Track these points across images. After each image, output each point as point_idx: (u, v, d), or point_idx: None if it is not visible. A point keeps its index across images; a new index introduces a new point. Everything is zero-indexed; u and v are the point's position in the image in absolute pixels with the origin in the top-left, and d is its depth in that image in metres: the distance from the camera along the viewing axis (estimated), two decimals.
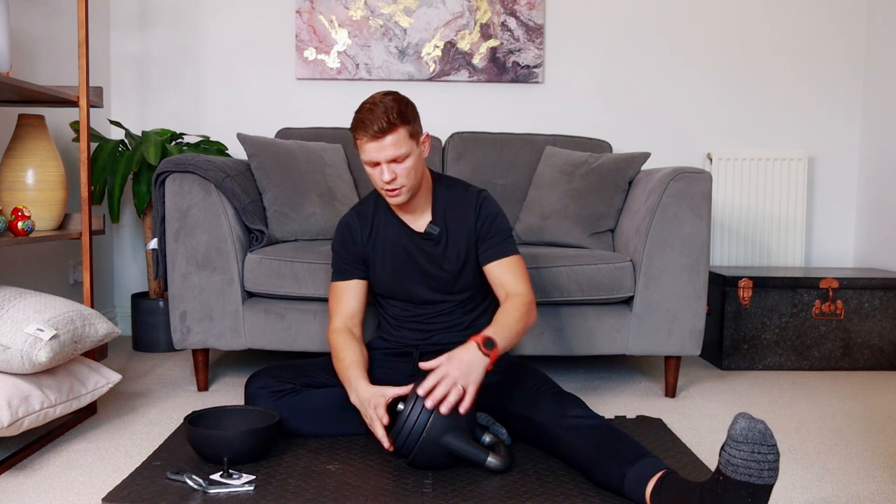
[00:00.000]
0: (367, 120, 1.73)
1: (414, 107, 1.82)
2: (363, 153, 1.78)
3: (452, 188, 1.95)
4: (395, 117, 1.73)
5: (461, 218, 1.91)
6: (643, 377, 2.65)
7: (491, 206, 1.94)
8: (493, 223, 1.91)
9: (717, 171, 3.22)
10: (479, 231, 1.91)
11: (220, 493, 1.54)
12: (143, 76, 3.23)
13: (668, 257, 2.30)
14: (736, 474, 1.27)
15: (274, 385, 1.88)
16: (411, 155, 1.78)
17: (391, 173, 1.76)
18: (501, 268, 1.89)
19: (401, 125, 1.75)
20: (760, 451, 1.26)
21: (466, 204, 1.92)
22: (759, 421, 1.27)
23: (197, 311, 2.28)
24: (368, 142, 1.75)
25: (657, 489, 1.42)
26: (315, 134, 2.92)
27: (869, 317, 2.80)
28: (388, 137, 1.73)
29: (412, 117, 1.79)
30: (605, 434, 1.58)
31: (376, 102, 1.75)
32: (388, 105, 1.74)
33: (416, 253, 1.92)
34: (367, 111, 1.75)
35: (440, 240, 1.91)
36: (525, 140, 2.97)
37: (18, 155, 2.09)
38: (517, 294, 1.85)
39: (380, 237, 1.94)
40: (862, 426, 2.11)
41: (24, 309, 1.74)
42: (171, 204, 2.27)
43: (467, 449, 1.63)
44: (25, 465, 1.72)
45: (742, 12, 3.28)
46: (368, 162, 1.79)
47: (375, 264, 1.95)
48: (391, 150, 1.74)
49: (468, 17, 3.20)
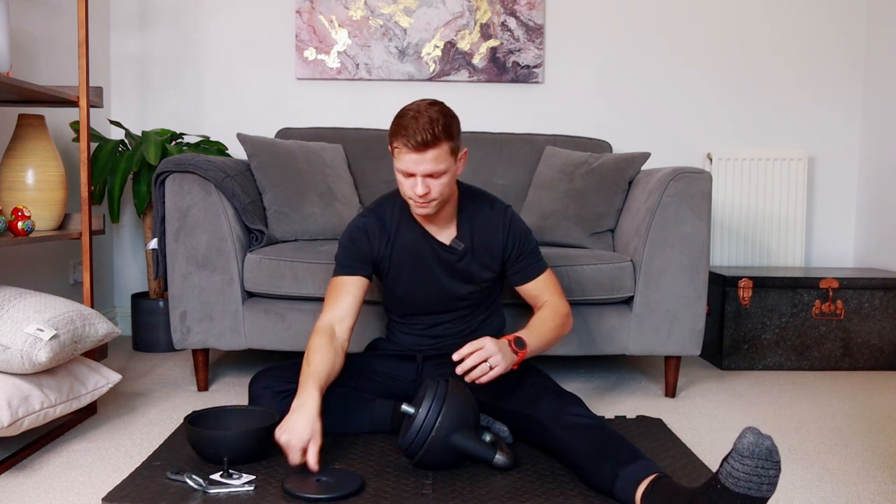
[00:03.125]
0: (412, 129, 1.65)
1: (458, 121, 1.75)
2: (400, 162, 1.70)
3: (478, 202, 1.91)
4: (441, 131, 1.66)
5: (488, 235, 1.88)
6: (643, 377, 2.65)
7: (519, 224, 1.92)
8: (524, 244, 1.91)
9: (717, 171, 3.22)
10: (509, 252, 1.90)
11: (220, 493, 1.54)
12: (143, 76, 3.23)
13: (668, 257, 2.30)
14: (736, 487, 1.26)
15: (277, 385, 1.87)
16: (448, 172, 1.72)
17: (425, 187, 1.70)
18: (537, 287, 1.92)
19: (445, 141, 1.67)
20: (764, 466, 1.25)
21: (494, 221, 1.89)
22: (767, 437, 1.26)
23: (197, 311, 2.28)
24: (409, 153, 1.67)
25: (648, 492, 1.42)
26: (315, 134, 2.92)
27: (869, 317, 2.80)
28: (430, 152, 1.66)
29: (457, 133, 1.72)
30: (601, 434, 1.58)
31: (421, 111, 1.67)
32: (433, 117, 1.66)
33: (435, 265, 1.89)
34: (411, 118, 1.66)
35: (464, 255, 1.88)
36: (525, 140, 2.97)
37: (18, 155, 2.09)
38: (554, 305, 1.89)
39: (399, 245, 1.88)
40: (862, 426, 2.11)
41: (24, 309, 1.74)
42: (171, 204, 2.27)
43: (475, 447, 1.63)
44: (25, 465, 1.72)
45: (742, 12, 3.28)
46: (404, 171, 1.71)
47: (391, 271, 1.91)
48: (430, 165, 1.67)
49: (468, 17, 3.20)
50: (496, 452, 1.65)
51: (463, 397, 1.66)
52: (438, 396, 1.63)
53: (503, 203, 1.94)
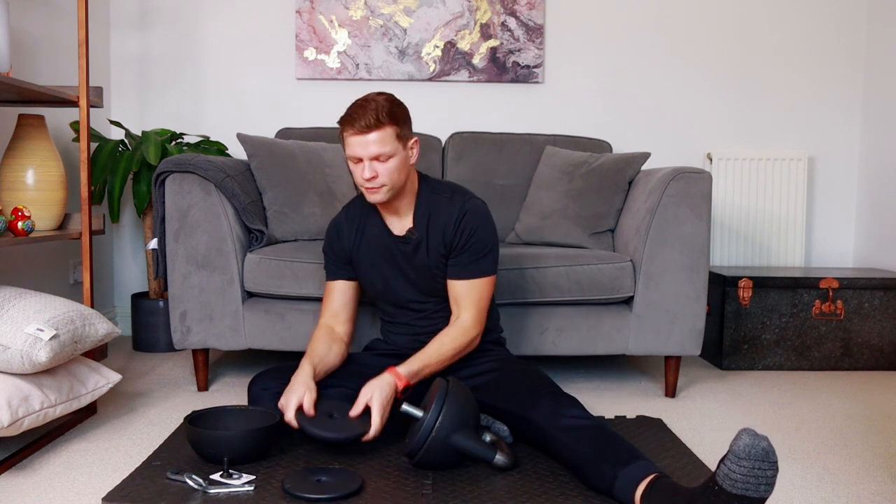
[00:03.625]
0: (356, 115, 1.74)
1: (406, 110, 1.82)
2: (347, 147, 1.78)
3: (439, 193, 1.90)
4: (385, 116, 1.74)
5: (440, 225, 1.87)
6: (643, 377, 2.65)
7: (473, 220, 1.84)
8: (468, 239, 1.84)
9: (717, 171, 3.22)
10: (455, 242, 1.85)
11: (220, 493, 1.54)
12: (143, 76, 3.23)
13: (668, 257, 2.30)
14: (733, 488, 1.26)
15: (277, 387, 1.86)
16: (395, 156, 1.77)
17: (372, 171, 1.76)
18: (460, 290, 1.86)
19: (388, 124, 1.74)
20: (761, 467, 1.25)
21: (448, 212, 1.86)
22: (763, 437, 1.26)
23: (197, 311, 2.28)
24: (353, 135, 1.75)
25: (647, 492, 1.42)
26: (315, 134, 2.92)
27: (869, 317, 2.80)
28: (373, 134, 1.73)
29: (402, 119, 1.78)
30: (599, 435, 1.58)
31: (368, 100, 1.76)
32: (379, 103, 1.75)
33: (397, 255, 1.92)
34: (357, 106, 1.76)
35: (418, 244, 1.89)
36: (525, 140, 2.97)
37: (18, 155, 2.09)
38: (462, 324, 1.85)
39: (365, 238, 1.94)
40: (862, 426, 2.11)
41: (24, 309, 1.74)
42: (171, 204, 2.27)
43: (475, 447, 1.63)
44: (25, 465, 1.72)
45: (742, 12, 3.28)
46: (351, 157, 1.78)
47: (362, 265, 1.95)
48: (374, 148, 1.74)
49: (468, 17, 3.20)
50: (496, 452, 1.65)
51: (463, 397, 1.66)
52: (438, 397, 1.63)
53: (467, 197, 1.88)
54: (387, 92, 1.82)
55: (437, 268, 1.90)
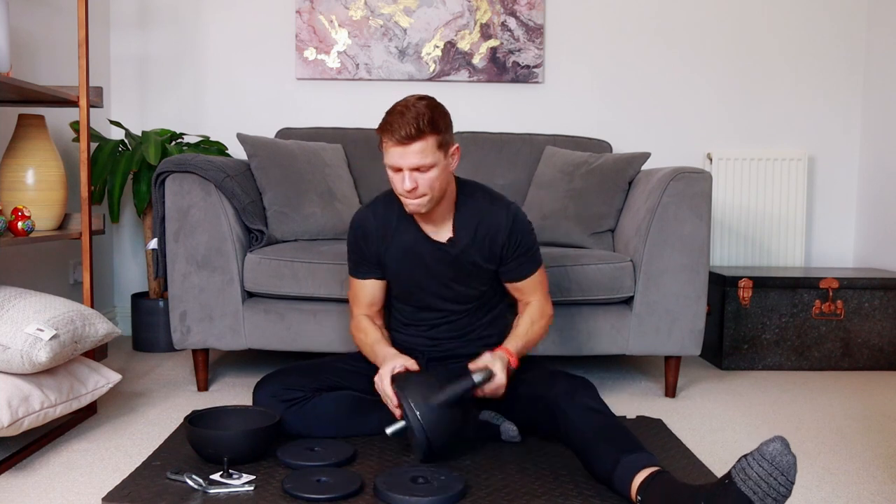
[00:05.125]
0: (396, 123, 1.66)
1: (448, 116, 1.74)
2: (387, 157, 1.71)
3: (476, 198, 1.87)
4: (426, 125, 1.65)
5: (489, 233, 1.84)
6: (643, 377, 2.65)
7: (523, 222, 1.88)
8: (525, 243, 1.87)
9: (717, 171, 3.22)
10: (510, 249, 1.86)
11: (220, 493, 1.54)
12: (143, 76, 3.23)
13: (668, 257, 2.30)
14: (743, 485, 1.26)
15: (283, 394, 1.85)
16: (437, 166, 1.70)
17: (412, 182, 1.69)
18: (527, 286, 1.91)
19: (430, 134, 1.67)
20: (778, 479, 1.24)
21: (496, 220, 1.84)
22: (793, 455, 1.26)
23: (197, 311, 2.28)
24: (394, 146, 1.67)
25: (646, 482, 1.42)
26: (315, 134, 2.92)
27: (869, 317, 2.80)
28: (415, 145, 1.66)
29: (444, 127, 1.71)
30: (609, 422, 1.60)
31: (409, 106, 1.68)
32: (420, 111, 1.66)
33: (432, 263, 1.86)
34: (397, 114, 1.67)
35: (461, 252, 1.85)
36: (525, 140, 2.97)
37: (18, 155, 2.09)
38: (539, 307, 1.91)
39: (395, 243, 1.88)
40: (862, 426, 2.11)
41: (24, 309, 1.74)
42: (171, 204, 2.27)
43: (455, 387, 1.66)
44: (25, 465, 1.72)
45: (742, 12, 3.28)
46: (391, 166, 1.72)
47: (389, 268, 1.91)
48: (416, 159, 1.67)
49: (468, 17, 3.20)
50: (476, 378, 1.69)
51: (413, 376, 1.71)
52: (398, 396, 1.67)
53: (507, 201, 1.89)
54: (428, 96, 1.74)
55: (477, 275, 1.88)
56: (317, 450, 1.74)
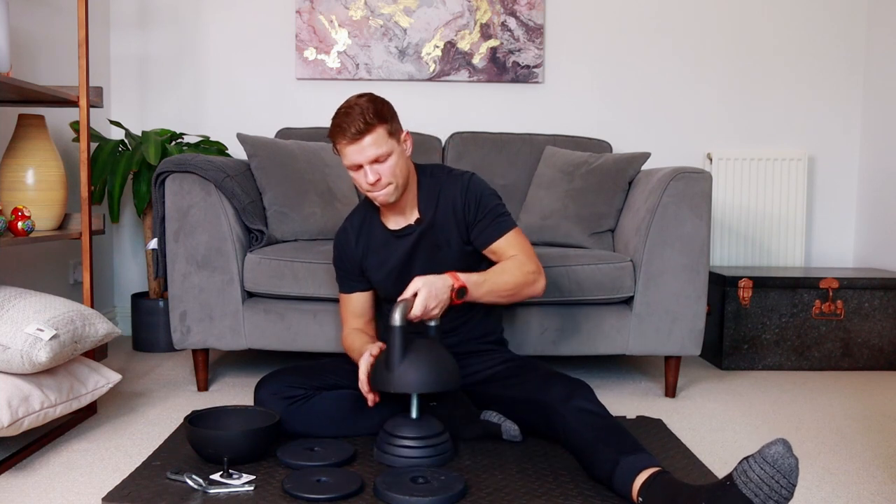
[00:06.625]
0: (344, 124, 1.72)
1: (390, 105, 1.80)
2: (344, 158, 1.76)
3: (436, 176, 1.91)
4: (372, 117, 1.71)
5: (449, 204, 1.87)
6: (643, 377, 2.65)
7: (478, 185, 1.87)
8: (479, 203, 1.85)
9: (717, 171, 3.22)
10: (470, 213, 1.86)
11: (220, 493, 1.54)
12: (143, 76, 3.23)
13: (668, 257, 2.30)
14: (745, 487, 1.26)
15: (284, 391, 1.86)
16: (393, 153, 1.76)
17: (375, 174, 1.75)
18: (502, 246, 1.85)
19: (378, 124, 1.73)
20: (780, 481, 1.24)
21: (452, 190, 1.87)
22: (795, 457, 1.26)
23: (197, 311, 2.29)
24: (348, 145, 1.73)
25: (647, 483, 1.42)
26: (315, 134, 2.92)
27: (869, 317, 2.80)
28: (367, 138, 1.72)
29: (389, 116, 1.76)
30: (608, 423, 1.59)
31: (351, 105, 1.74)
32: (363, 106, 1.72)
33: (408, 250, 1.89)
34: (342, 115, 1.73)
35: (428, 229, 1.87)
36: (525, 140, 2.97)
37: (18, 155, 2.09)
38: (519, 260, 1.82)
39: (372, 245, 1.93)
40: (862, 426, 2.11)
41: (24, 309, 1.74)
42: (171, 204, 2.27)
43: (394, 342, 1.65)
44: (25, 465, 1.72)
45: (742, 12, 3.28)
46: (351, 166, 1.77)
47: (371, 272, 1.94)
48: (371, 151, 1.73)
49: (468, 17, 3.20)
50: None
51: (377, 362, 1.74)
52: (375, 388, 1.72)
53: (465, 171, 1.92)
54: (366, 92, 1.80)
55: (453, 255, 1.88)
56: (317, 450, 1.74)
